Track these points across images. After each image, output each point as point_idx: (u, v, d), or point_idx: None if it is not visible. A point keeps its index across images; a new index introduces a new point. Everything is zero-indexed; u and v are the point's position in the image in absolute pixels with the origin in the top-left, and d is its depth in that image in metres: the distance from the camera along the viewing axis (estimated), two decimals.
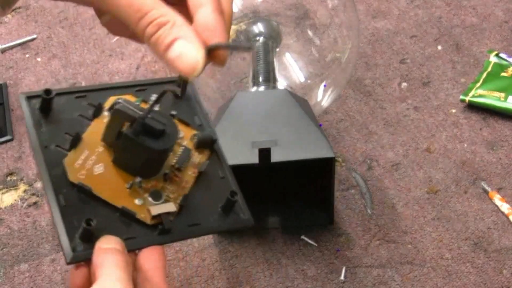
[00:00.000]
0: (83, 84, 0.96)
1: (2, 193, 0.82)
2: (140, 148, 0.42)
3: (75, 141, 0.44)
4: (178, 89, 0.46)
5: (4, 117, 0.92)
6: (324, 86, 0.90)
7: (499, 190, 0.75)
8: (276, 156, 0.66)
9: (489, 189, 0.75)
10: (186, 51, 0.38)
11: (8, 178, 0.84)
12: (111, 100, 0.46)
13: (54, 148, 0.44)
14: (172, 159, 0.46)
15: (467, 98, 0.85)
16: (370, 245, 0.71)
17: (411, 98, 0.87)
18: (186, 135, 0.47)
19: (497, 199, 0.74)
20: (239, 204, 0.47)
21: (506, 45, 0.93)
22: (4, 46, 1.04)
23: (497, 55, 0.91)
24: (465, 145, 0.80)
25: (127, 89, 0.48)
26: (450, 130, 0.83)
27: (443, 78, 0.90)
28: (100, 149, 0.45)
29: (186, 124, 0.48)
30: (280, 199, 0.75)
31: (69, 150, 0.44)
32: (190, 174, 0.46)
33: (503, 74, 0.87)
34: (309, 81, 0.83)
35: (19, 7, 1.14)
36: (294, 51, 0.84)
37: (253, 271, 0.70)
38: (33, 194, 0.81)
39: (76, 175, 0.43)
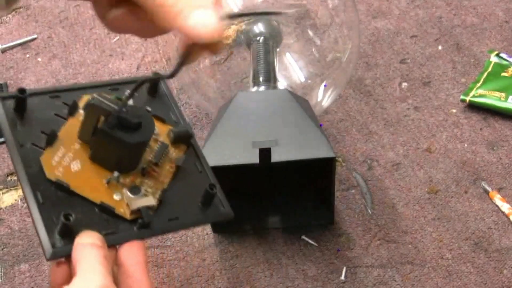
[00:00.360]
0: None
1: (2, 193, 0.82)
2: (116, 142, 0.42)
3: (51, 139, 0.44)
4: (153, 81, 0.47)
5: None
6: (325, 86, 0.90)
7: (499, 190, 0.75)
8: (277, 156, 0.66)
9: (489, 189, 0.75)
10: (205, 18, 0.38)
11: (9, 178, 0.84)
12: (85, 98, 0.46)
13: (30, 147, 0.44)
14: (150, 154, 0.46)
15: (468, 98, 0.85)
16: (370, 245, 0.71)
17: (411, 98, 0.87)
18: (162, 131, 0.48)
19: (497, 199, 0.74)
20: (218, 197, 0.47)
21: (507, 45, 0.93)
22: (4, 46, 1.04)
23: (497, 55, 0.91)
24: (466, 145, 0.80)
25: (101, 88, 0.48)
26: (451, 130, 0.82)
27: (444, 78, 0.90)
28: (77, 146, 0.45)
29: (162, 120, 0.48)
30: (280, 199, 0.75)
31: (45, 148, 0.44)
32: (168, 169, 0.47)
33: (503, 74, 0.87)
34: (309, 81, 0.83)
35: (20, 7, 1.14)
36: (295, 51, 0.84)
37: (254, 271, 0.70)
38: None
39: (54, 172, 0.43)
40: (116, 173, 0.44)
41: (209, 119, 0.88)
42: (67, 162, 0.44)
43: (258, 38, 0.81)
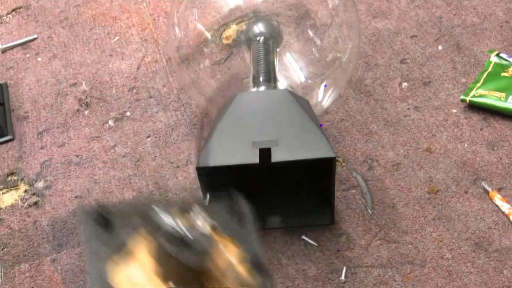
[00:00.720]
0: (83, 84, 0.96)
1: (2, 193, 0.82)
2: (171, 257, 0.47)
3: (121, 250, 0.50)
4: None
5: (4, 117, 0.92)
6: (325, 86, 0.90)
7: (499, 190, 0.75)
8: (277, 156, 0.66)
9: (489, 189, 0.75)
10: None
11: (9, 178, 0.84)
12: (154, 216, 0.50)
13: (102, 255, 0.49)
14: (223, 281, 0.49)
15: (468, 98, 0.85)
16: (370, 245, 0.71)
17: (411, 98, 0.87)
18: (232, 251, 0.51)
19: (497, 199, 0.74)
20: None
21: (507, 45, 0.93)
22: (4, 46, 1.04)
23: (497, 55, 0.91)
24: (466, 145, 0.80)
25: (173, 207, 0.52)
26: (451, 130, 0.82)
27: (444, 78, 0.90)
28: (145, 259, 0.49)
29: (230, 239, 0.52)
30: (280, 199, 0.75)
31: (114, 256, 0.49)
32: None
33: (503, 74, 0.87)
34: (309, 81, 0.83)
35: (20, 7, 1.14)
36: (295, 51, 0.84)
37: None
38: (33, 194, 0.81)
39: (116, 278, 0.48)
40: (171, 284, 0.47)
41: (209, 119, 0.88)
42: (132, 272, 0.49)
43: (258, 38, 0.81)
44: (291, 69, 0.84)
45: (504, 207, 0.73)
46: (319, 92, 0.82)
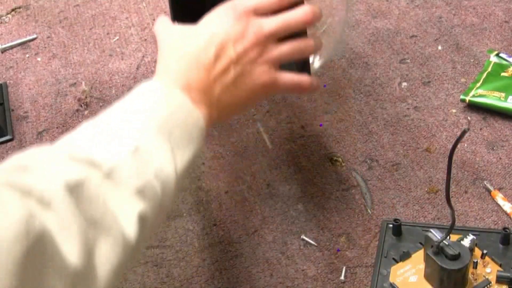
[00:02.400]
0: (83, 84, 0.96)
1: None
2: (436, 265, 0.59)
3: (405, 256, 0.65)
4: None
5: (4, 117, 0.92)
6: (324, 86, 0.90)
7: (499, 190, 0.75)
8: None
9: (491, 188, 0.75)
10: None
11: None
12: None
13: (389, 257, 0.66)
14: (472, 284, 0.62)
15: (467, 98, 0.85)
16: (370, 245, 0.71)
17: (411, 98, 0.87)
18: (491, 268, 0.63)
19: (499, 198, 0.74)
20: None
21: (506, 45, 0.93)
22: (4, 46, 1.04)
23: (497, 55, 0.91)
24: (465, 145, 0.80)
25: (462, 231, 0.66)
26: (450, 130, 0.83)
27: (443, 78, 0.90)
28: (421, 266, 0.63)
29: (495, 262, 0.64)
30: None
31: (400, 261, 0.65)
32: None
33: (503, 74, 0.87)
34: None
35: (19, 7, 1.14)
36: None
37: (253, 271, 0.70)
38: None
39: (395, 278, 0.63)
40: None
41: None
42: (408, 274, 0.63)
43: None
44: None
45: (506, 206, 0.73)
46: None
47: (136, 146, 0.49)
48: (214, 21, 0.57)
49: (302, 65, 0.62)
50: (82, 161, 0.46)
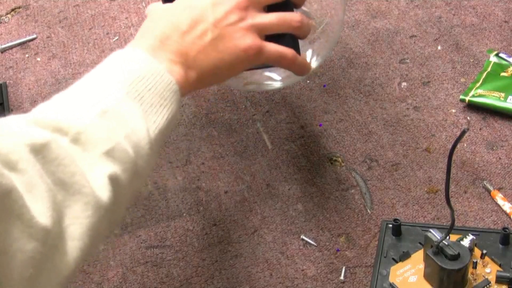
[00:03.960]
0: None
1: None
2: (435, 265, 0.59)
3: (404, 256, 0.65)
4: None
5: (3, 117, 0.92)
6: (324, 86, 0.90)
7: (499, 190, 0.75)
8: None
9: (491, 188, 0.75)
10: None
11: None
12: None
13: (389, 257, 0.66)
14: (472, 284, 0.62)
15: (467, 98, 0.85)
16: (370, 245, 0.71)
17: (411, 98, 0.87)
18: (491, 268, 0.63)
19: (499, 198, 0.74)
20: None
21: (506, 45, 0.93)
22: (4, 46, 1.04)
23: (497, 55, 0.91)
24: (465, 145, 0.80)
25: (462, 231, 0.66)
26: (450, 130, 0.83)
27: (443, 78, 0.90)
28: (421, 266, 0.64)
29: (495, 262, 0.64)
30: None
31: (399, 261, 0.65)
32: None
33: (503, 74, 0.87)
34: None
35: (19, 7, 1.14)
36: None
37: (253, 271, 0.70)
38: None
39: (395, 278, 0.63)
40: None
41: (208, 119, 0.88)
42: (408, 275, 0.63)
43: None
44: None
45: (506, 206, 0.73)
46: (307, 55, 0.82)
47: (104, 109, 0.49)
48: None
49: (291, 45, 0.62)
50: (48, 126, 0.46)
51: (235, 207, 0.77)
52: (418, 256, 0.65)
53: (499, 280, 0.62)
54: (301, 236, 0.73)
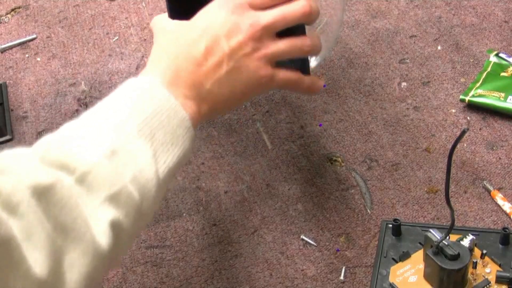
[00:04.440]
0: (83, 84, 0.96)
1: None
2: (436, 265, 0.59)
3: (404, 256, 0.65)
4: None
5: (3, 117, 0.92)
6: (324, 86, 0.90)
7: (499, 190, 0.75)
8: None
9: (491, 188, 0.75)
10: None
11: None
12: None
13: (389, 257, 0.66)
14: (472, 284, 0.62)
15: (467, 98, 0.85)
16: (370, 245, 0.71)
17: (410, 98, 0.87)
18: (491, 268, 0.63)
19: (499, 198, 0.74)
20: None
21: (506, 45, 0.93)
22: (3, 46, 1.04)
23: (497, 55, 0.91)
24: (465, 145, 0.80)
25: (462, 231, 0.66)
26: (450, 130, 0.83)
27: (443, 78, 0.90)
28: (421, 266, 0.64)
29: (495, 262, 0.64)
30: None
31: (399, 261, 0.65)
32: None
33: (503, 74, 0.87)
34: None
35: (19, 7, 1.14)
36: None
37: (253, 271, 0.70)
38: None
39: (395, 278, 0.64)
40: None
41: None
42: (408, 274, 0.64)
43: None
44: None
45: (506, 206, 0.73)
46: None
47: (113, 149, 0.47)
48: (209, 14, 0.56)
49: (300, 65, 0.62)
50: (54, 164, 0.45)
51: (235, 207, 0.77)
52: (418, 256, 0.65)
53: (499, 280, 0.62)
54: (301, 236, 0.73)
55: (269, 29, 0.56)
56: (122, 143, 0.48)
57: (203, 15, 0.56)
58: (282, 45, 0.57)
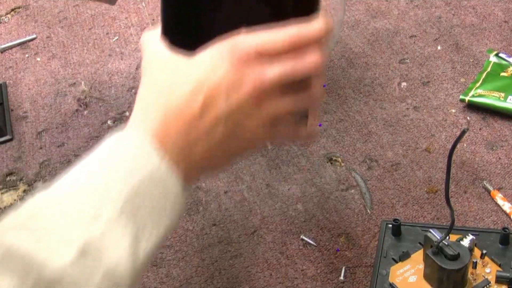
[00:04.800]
0: (83, 84, 0.96)
1: (1, 193, 0.82)
2: (436, 265, 0.59)
3: (404, 256, 0.65)
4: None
5: (3, 117, 0.92)
6: (324, 86, 0.90)
7: (499, 190, 0.75)
8: None
9: (491, 188, 0.75)
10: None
11: (8, 178, 0.84)
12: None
13: (389, 257, 0.66)
14: (472, 283, 0.62)
15: (467, 98, 0.85)
16: (370, 245, 0.71)
17: (410, 98, 0.87)
18: (491, 268, 0.63)
19: (499, 198, 0.74)
20: None
21: (506, 45, 0.93)
22: (3, 46, 1.04)
23: (496, 55, 0.91)
24: (465, 145, 0.80)
25: (462, 231, 0.66)
26: (450, 130, 0.83)
27: (443, 78, 0.90)
28: (421, 266, 0.64)
29: (495, 262, 0.64)
30: None
31: (399, 261, 0.65)
32: None
33: (502, 74, 0.87)
34: None
35: (19, 7, 1.14)
36: None
37: (253, 271, 0.70)
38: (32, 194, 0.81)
39: (394, 278, 0.64)
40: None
41: None
42: (408, 275, 0.64)
43: None
44: None
45: (506, 206, 0.73)
46: None
47: (86, 242, 0.41)
48: (207, 63, 0.47)
49: (298, 119, 0.54)
50: (19, 262, 0.40)
51: (235, 207, 0.77)
52: (418, 256, 0.65)
53: (499, 280, 0.62)
54: (301, 236, 0.73)
55: (275, 86, 0.47)
56: (98, 235, 0.42)
57: (200, 62, 0.47)
58: (286, 103, 0.49)
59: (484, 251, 0.64)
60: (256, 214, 0.76)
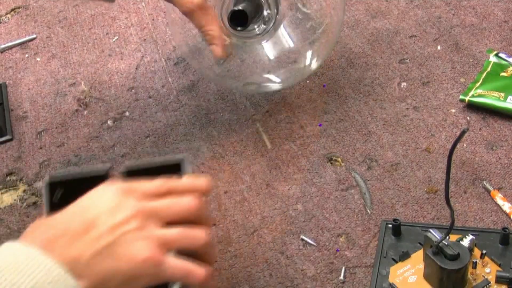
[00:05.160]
0: (82, 84, 0.96)
1: (1, 193, 0.82)
2: (435, 265, 0.59)
3: (404, 256, 0.66)
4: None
5: (3, 117, 0.92)
6: (324, 86, 0.90)
7: (499, 190, 0.75)
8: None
9: (491, 188, 0.75)
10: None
11: (8, 178, 0.84)
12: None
13: (389, 257, 0.66)
14: (472, 283, 0.62)
15: (467, 98, 0.85)
16: (369, 245, 0.71)
17: (410, 98, 0.87)
18: (491, 268, 0.64)
19: (498, 198, 0.74)
20: None
21: (506, 45, 0.93)
22: (3, 46, 1.04)
23: (496, 55, 0.91)
24: (465, 145, 0.80)
25: (462, 232, 0.67)
26: (450, 130, 0.83)
27: (443, 78, 0.90)
28: (421, 266, 0.64)
29: (495, 262, 0.64)
30: None
31: (399, 261, 0.65)
32: None
33: (502, 74, 0.87)
34: (298, 46, 0.83)
35: (19, 7, 1.14)
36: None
37: (253, 271, 0.70)
38: (32, 194, 0.81)
39: (394, 278, 0.64)
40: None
41: (208, 119, 0.88)
42: (408, 274, 0.64)
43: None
44: (281, 36, 0.82)
45: (505, 206, 0.73)
46: (307, 56, 0.83)
47: None
48: (92, 194, 0.53)
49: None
50: None
51: (234, 207, 0.77)
52: (417, 256, 0.65)
53: (499, 280, 0.62)
54: (301, 236, 0.73)
55: (155, 214, 0.53)
56: None
57: (85, 196, 0.53)
58: (171, 232, 0.53)
59: (484, 251, 0.64)
60: (256, 214, 0.76)
